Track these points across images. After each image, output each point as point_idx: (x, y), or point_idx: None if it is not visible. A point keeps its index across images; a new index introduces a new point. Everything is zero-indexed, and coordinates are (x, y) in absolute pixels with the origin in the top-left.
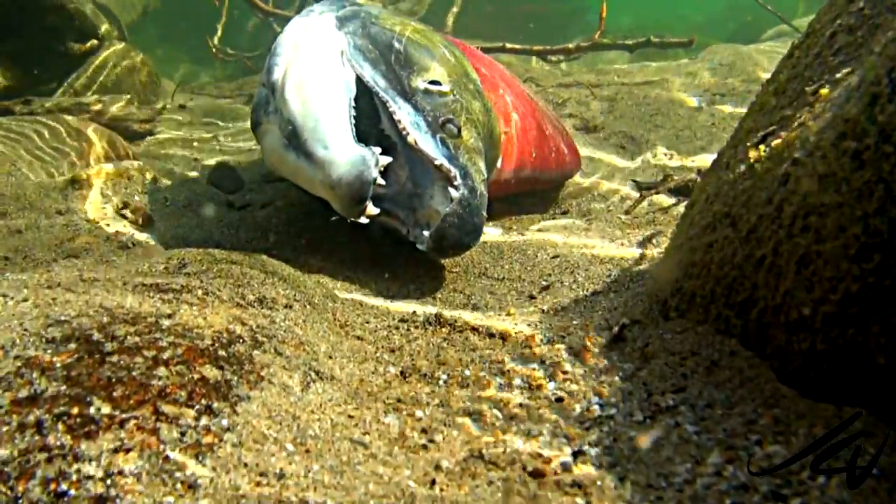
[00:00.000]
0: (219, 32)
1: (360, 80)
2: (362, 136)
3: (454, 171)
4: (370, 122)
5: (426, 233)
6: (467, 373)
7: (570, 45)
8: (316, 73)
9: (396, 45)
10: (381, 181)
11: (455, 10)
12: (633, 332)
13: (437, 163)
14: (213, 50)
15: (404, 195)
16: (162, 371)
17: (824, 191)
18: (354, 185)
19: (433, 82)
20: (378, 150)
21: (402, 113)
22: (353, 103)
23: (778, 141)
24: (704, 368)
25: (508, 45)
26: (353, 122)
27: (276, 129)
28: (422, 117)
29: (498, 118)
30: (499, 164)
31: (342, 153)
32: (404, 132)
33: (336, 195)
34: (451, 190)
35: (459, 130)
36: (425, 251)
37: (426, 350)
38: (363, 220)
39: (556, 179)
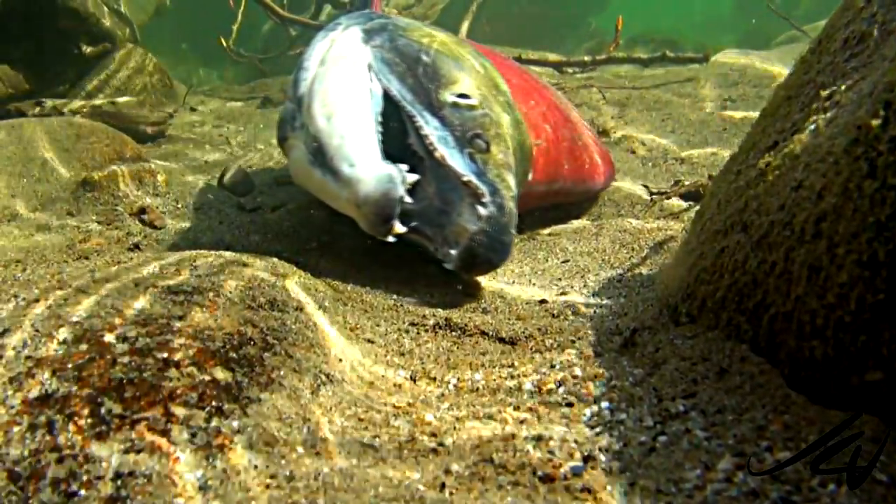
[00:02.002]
0: (233, 34)
1: (387, 94)
2: (390, 151)
3: (482, 188)
4: (398, 136)
5: (454, 251)
6: (477, 377)
7: (586, 58)
8: (342, 88)
9: (424, 57)
10: (408, 199)
11: (469, 17)
12: (643, 337)
13: (464, 179)
14: (228, 50)
15: (432, 211)
16: (173, 372)
17: (836, 197)
18: (381, 204)
19: (462, 95)
20: (405, 167)
21: (430, 128)
22: (379, 118)
23: (790, 147)
24: (715, 374)
25: (524, 56)
26: (381, 137)
27: (301, 145)
28: (449, 132)
29: (529, 130)
30: (530, 177)
31: (368, 171)
32: (431, 147)
33: (362, 214)
34: (480, 208)
35: (488, 145)
36: (453, 270)
37: (436, 353)
38: (390, 238)
39: (590, 191)
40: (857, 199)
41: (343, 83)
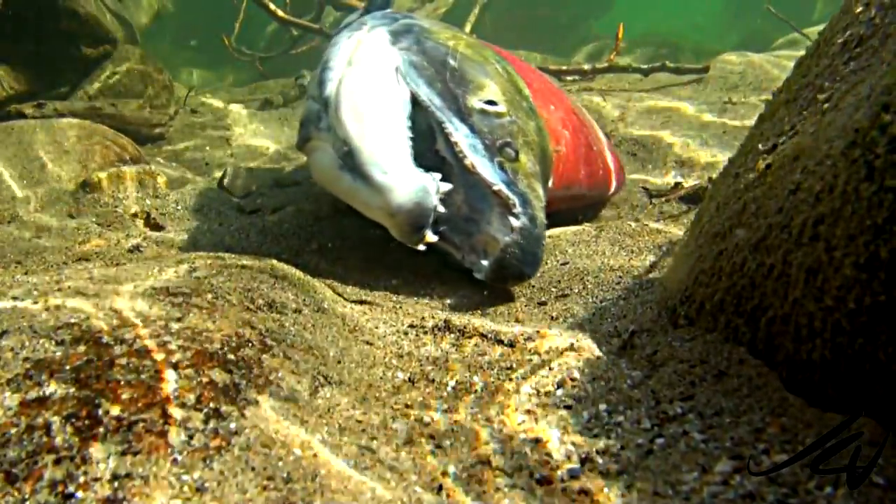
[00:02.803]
0: (236, 30)
1: (414, 98)
2: (416, 156)
3: (513, 199)
4: (423, 140)
5: (484, 262)
6: (476, 379)
7: (586, 67)
8: (372, 91)
9: (451, 61)
10: (441, 209)
11: (472, 19)
12: (641, 339)
13: (495, 188)
14: (230, 49)
15: (459, 219)
16: (171, 374)
17: (834, 200)
18: (415, 213)
19: (489, 102)
20: (438, 176)
21: (459, 134)
22: (409, 123)
23: (788, 150)
24: (713, 376)
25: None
26: (411, 143)
27: (328, 147)
28: (479, 140)
29: (549, 136)
30: (550, 184)
31: (402, 179)
32: (461, 155)
33: (395, 222)
34: (512, 219)
35: (517, 154)
36: (483, 280)
37: (435, 356)
38: (420, 247)
39: (604, 196)
40: (855, 201)
41: (373, 86)
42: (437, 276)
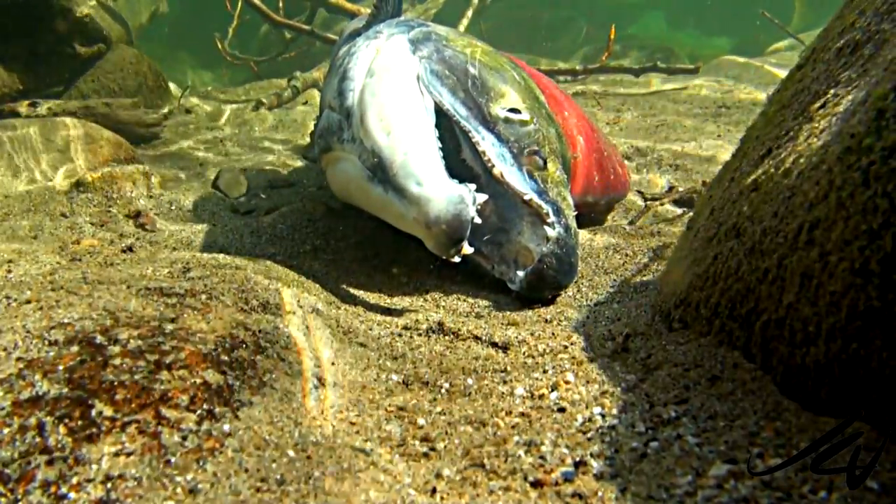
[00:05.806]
0: (230, 35)
1: (437, 108)
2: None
3: (546, 208)
4: (447, 150)
5: (520, 273)
6: (469, 381)
7: (578, 67)
8: (398, 101)
9: (471, 69)
10: (478, 220)
11: (465, 21)
12: (636, 342)
13: (526, 198)
14: (223, 53)
15: (488, 229)
16: (164, 375)
17: (829, 205)
18: (453, 225)
19: (512, 110)
20: (473, 186)
21: (486, 143)
22: (436, 133)
23: (783, 154)
24: (707, 380)
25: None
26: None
27: (354, 159)
28: (506, 148)
29: (567, 142)
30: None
31: (438, 190)
32: (490, 164)
33: (432, 234)
34: (547, 228)
35: (545, 162)
36: (518, 291)
37: (429, 358)
38: (456, 259)
39: (612, 202)
40: (850, 207)
41: (399, 96)
42: (431, 277)
